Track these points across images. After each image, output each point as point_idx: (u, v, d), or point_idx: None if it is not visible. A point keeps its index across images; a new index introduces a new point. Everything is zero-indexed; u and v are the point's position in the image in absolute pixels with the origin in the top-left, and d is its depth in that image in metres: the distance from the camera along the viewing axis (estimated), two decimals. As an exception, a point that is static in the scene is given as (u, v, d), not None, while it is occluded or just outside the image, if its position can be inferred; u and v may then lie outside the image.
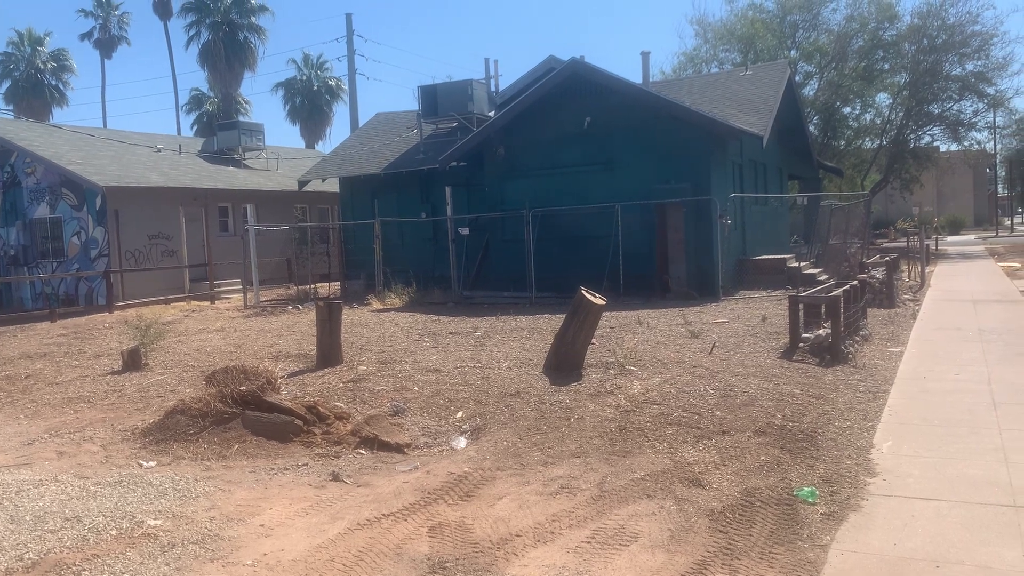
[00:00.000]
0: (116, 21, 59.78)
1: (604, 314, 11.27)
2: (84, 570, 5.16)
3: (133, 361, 12.14)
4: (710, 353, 10.99)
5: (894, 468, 6.55)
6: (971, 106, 37.91)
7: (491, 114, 23.15)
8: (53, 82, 58.90)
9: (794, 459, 6.84)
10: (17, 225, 26.01)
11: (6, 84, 56.78)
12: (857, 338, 11.93)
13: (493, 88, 25.59)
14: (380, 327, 15.13)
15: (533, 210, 18.95)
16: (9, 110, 53.06)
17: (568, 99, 19.48)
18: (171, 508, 6.27)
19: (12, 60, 57.10)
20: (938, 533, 5.29)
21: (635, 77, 23.12)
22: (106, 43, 59.73)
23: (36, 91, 56.95)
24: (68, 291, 25.07)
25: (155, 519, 6.03)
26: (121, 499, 6.49)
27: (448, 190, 20.78)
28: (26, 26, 65.95)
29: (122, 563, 5.25)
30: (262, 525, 5.90)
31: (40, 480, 7.08)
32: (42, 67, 57.75)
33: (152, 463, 7.63)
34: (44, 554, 5.41)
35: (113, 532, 5.79)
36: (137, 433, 8.65)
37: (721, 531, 5.48)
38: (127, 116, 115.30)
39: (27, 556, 5.38)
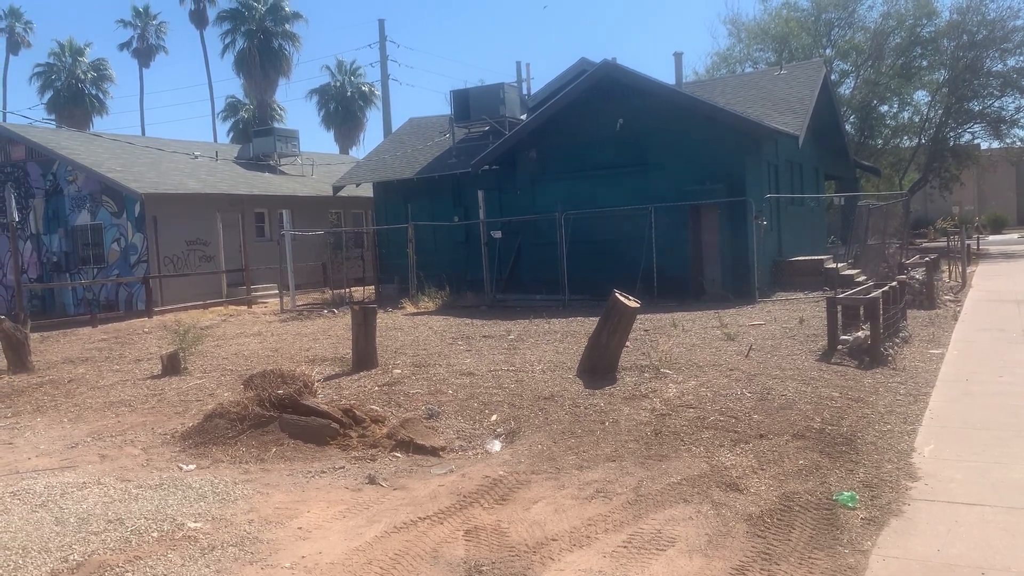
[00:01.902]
0: (154, 31, 60.98)
1: (638, 317, 11.21)
2: (127, 571, 5.24)
3: (172, 365, 12.32)
4: (746, 356, 10.88)
5: (936, 472, 6.44)
6: (1013, 102, 37.23)
7: (523, 117, 23.17)
8: (93, 91, 60.17)
9: (833, 463, 6.74)
10: (59, 232, 26.57)
11: (48, 94, 58.14)
12: (897, 340, 11.74)
13: (525, 91, 25.62)
14: (414, 330, 15.20)
15: (566, 213, 18.91)
16: (51, 119, 54.23)
17: (600, 101, 19.44)
18: (210, 511, 6.35)
19: (54, 71, 58.43)
20: (982, 539, 5.18)
21: (668, 78, 23.04)
22: (144, 52, 60.93)
23: (77, 100, 58.20)
24: (108, 296, 25.56)
25: (195, 522, 6.11)
26: (162, 502, 6.59)
27: (480, 194, 20.82)
28: (67, 37, 67.46)
29: (164, 565, 5.32)
30: (300, 528, 5.95)
31: (83, 483, 7.21)
32: (83, 77, 59.00)
33: (192, 466, 7.74)
34: (88, 555, 5.51)
35: (155, 534, 5.88)
36: (177, 437, 8.78)
37: (759, 536, 5.42)
38: (165, 124, 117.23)
39: (72, 557, 5.49)
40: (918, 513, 5.65)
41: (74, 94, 58.23)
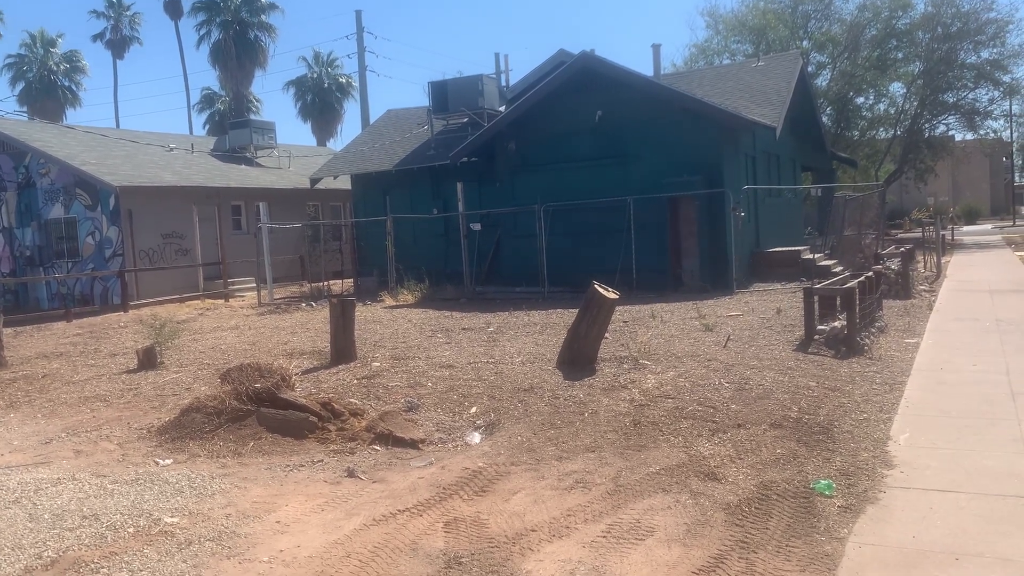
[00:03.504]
0: (127, 22, 60.15)
1: (617, 308, 11.24)
2: (102, 567, 5.19)
3: (148, 360, 12.19)
4: (724, 346, 10.94)
5: (912, 460, 6.50)
6: (987, 94, 37.67)
7: (502, 109, 23.12)
8: (66, 83, 59.31)
9: (810, 452, 6.80)
10: (32, 225, 26.19)
11: (20, 86, 57.25)
12: (873, 330, 11.85)
13: (503, 83, 25.54)
14: (393, 323, 15.15)
15: (545, 205, 18.90)
16: (23, 112, 53.48)
17: (579, 93, 19.42)
18: (187, 505, 6.30)
19: (25, 62, 57.53)
20: (957, 525, 5.24)
21: (646, 70, 23.03)
22: (118, 44, 60.08)
23: (49, 92, 57.35)
24: (83, 291, 25.24)
25: (172, 516, 6.06)
26: (138, 497, 6.52)
27: (459, 186, 20.75)
28: (38, 28, 66.36)
29: (140, 560, 5.27)
30: (278, 522, 5.91)
31: (58, 478, 7.13)
32: (55, 68, 58.13)
33: (168, 461, 7.67)
34: (63, 552, 5.45)
35: (130, 530, 5.82)
36: (153, 431, 8.69)
37: (737, 524, 5.45)
38: (139, 116, 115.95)
39: (46, 554, 5.42)
40: (894, 500, 5.71)
41: (46, 86, 57.36)
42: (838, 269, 17.94)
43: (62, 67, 58.69)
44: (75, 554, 5.40)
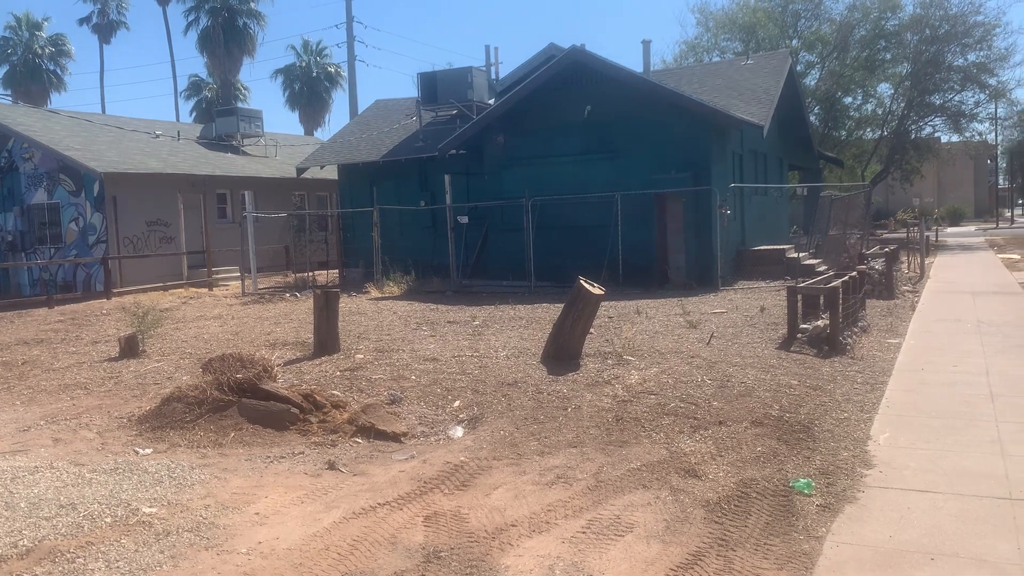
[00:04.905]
0: (115, 6, 59.66)
1: (603, 304, 11.25)
2: (78, 557, 5.14)
3: (130, 348, 12.10)
4: (708, 343, 10.98)
5: (891, 460, 6.55)
6: (972, 97, 37.92)
7: (491, 102, 23.06)
8: (51, 67, 58.79)
9: (791, 450, 6.83)
10: (15, 211, 25.94)
11: (4, 69, 56.73)
12: (855, 329, 11.92)
13: (493, 76, 25.50)
14: (378, 315, 15.11)
15: (533, 199, 18.90)
16: (7, 95, 52.91)
17: (568, 87, 19.41)
18: (166, 496, 6.26)
19: (10, 45, 56.93)
20: (934, 525, 5.28)
21: (636, 66, 23.05)
22: (105, 28, 59.59)
23: (34, 76, 56.81)
24: (66, 277, 25.04)
25: (150, 507, 6.02)
26: (116, 486, 6.47)
27: (447, 178, 20.71)
28: (24, 10, 65.69)
29: (117, 550, 5.24)
30: (257, 513, 5.89)
31: (35, 467, 7.06)
32: (40, 52, 57.57)
33: (148, 450, 7.61)
34: (39, 541, 5.40)
35: (108, 519, 5.78)
36: (133, 420, 8.63)
37: (716, 522, 5.47)
38: (125, 102, 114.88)
39: (22, 543, 5.37)
40: (872, 500, 5.75)
41: (31, 70, 56.81)
42: (822, 268, 18.03)
43: (47, 51, 58.13)
44: (51, 543, 5.35)
